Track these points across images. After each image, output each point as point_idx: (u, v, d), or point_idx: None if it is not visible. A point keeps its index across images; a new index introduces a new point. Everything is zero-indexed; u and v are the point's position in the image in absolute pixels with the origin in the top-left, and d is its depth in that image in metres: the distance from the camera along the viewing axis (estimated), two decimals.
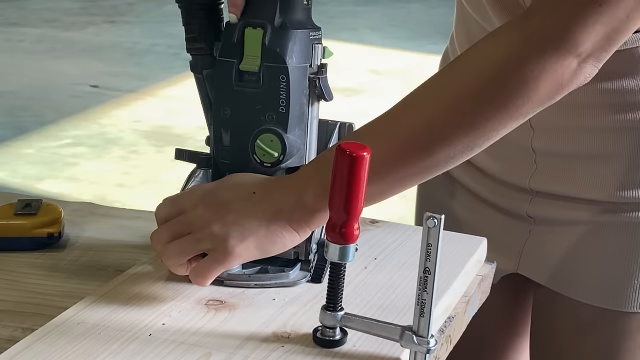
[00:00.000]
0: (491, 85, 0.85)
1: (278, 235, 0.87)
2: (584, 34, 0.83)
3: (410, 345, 0.78)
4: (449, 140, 0.86)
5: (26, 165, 4.01)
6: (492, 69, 0.85)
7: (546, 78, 0.84)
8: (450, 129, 0.86)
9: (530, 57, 0.84)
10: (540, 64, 0.83)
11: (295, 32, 0.91)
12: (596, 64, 0.86)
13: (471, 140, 0.86)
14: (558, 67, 0.84)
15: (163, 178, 3.82)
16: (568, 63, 0.84)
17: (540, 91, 0.84)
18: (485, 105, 0.85)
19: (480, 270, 1.04)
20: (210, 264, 0.87)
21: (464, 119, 0.85)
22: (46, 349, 0.79)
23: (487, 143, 0.87)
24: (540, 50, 0.84)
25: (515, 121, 0.86)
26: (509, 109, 0.85)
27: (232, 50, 0.92)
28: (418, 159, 0.87)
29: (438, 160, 0.87)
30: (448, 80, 0.89)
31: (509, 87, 0.84)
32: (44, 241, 1.01)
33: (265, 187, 0.89)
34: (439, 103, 0.87)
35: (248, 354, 0.79)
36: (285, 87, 0.91)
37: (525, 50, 0.84)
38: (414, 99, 0.89)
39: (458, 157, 0.87)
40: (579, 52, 0.84)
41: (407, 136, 0.87)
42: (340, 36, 6.25)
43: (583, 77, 0.86)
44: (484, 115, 0.85)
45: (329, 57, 0.94)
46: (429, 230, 0.75)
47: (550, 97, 0.86)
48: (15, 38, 6.37)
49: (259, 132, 0.92)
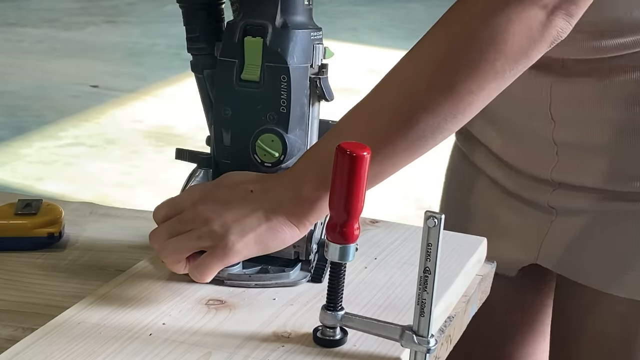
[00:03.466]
0: (462, 44, 0.86)
1: (278, 230, 0.87)
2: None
3: (410, 345, 0.78)
4: (431, 107, 0.86)
5: (26, 165, 4.01)
6: (461, 30, 0.86)
7: (514, 30, 0.84)
8: (430, 95, 0.86)
9: (494, 10, 0.84)
10: (506, 16, 0.84)
11: (297, 33, 0.91)
12: (567, 18, 0.86)
13: (452, 105, 0.86)
14: (525, 17, 0.84)
15: (163, 178, 3.82)
16: (534, 14, 0.84)
17: (510, 43, 0.84)
18: (459, 65, 0.85)
19: (480, 270, 1.04)
20: (211, 260, 0.87)
21: (442, 82, 0.86)
22: (46, 348, 0.79)
23: (469, 109, 0.87)
24: (503, 3, 0.84)
25: (493, 80, 0.86)
26: (482, 65, 0.85)
27: (232, 50, 0.92)
28: (403, 131, 0.86)
29: (423, 131, 0.86)
30: (422, 49, 0.89)
31: (478, 43, 0.85)
32: (44, 241, 1.01)
33: (262, 184, 0.89)
34: (416, 72, 0.88)
35: (248, 353, 0.80)
36: (286, 87, 0.91)
37: (488, 4, 0.85)
38: (390, 76, 0.89)
39: (442, 126, 0.87)
40: (544, 3, 0.84)
41: (389, 110, 0.87)
42: (340, 36, 6.25)
43: (555, 31, 0.85)
44: (459, 76, 0.85)
45: (329, 57, 0.94)
46: (429, 230, 0.75)
47: (524, 51, 0.85)
48: (15, 38, 6.37)
49: (260, 132, 0.92)
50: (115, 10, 7.40)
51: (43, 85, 5.19)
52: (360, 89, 5.03)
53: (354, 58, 5.85)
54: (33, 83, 5.22)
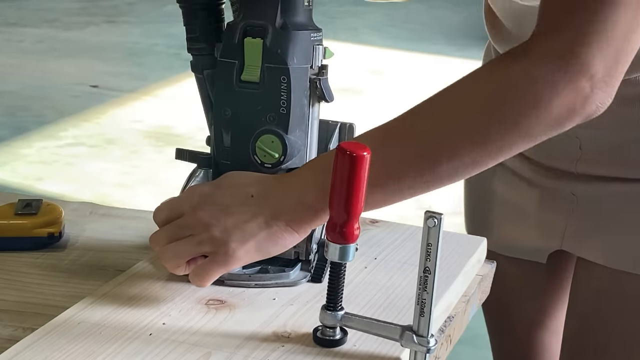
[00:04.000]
0: (503, 101, 0.85)
1: (279, 236, 0.87)
2: (590, 54, 0.83)
3: (410, 345, 0.78)
4: (456, 153, 0.85)
5: (26, 165, 4.01)
6: (506, 85, 0.85)
7: (558, 101, 0.84)
8: (458, 141, 0.85)
9: (542, 77, 0.84)
10: (552, 85, 0.83)
11: (297, 34, 0.91)
12: (607, 90, 0.85)
13: (478, 156, 0.86)
14: (571, 89, 0.83)
15: (163, 178, 3.82)
16: (581, 87, 0.83)
17: (552, 113, 0.84)
18: (495, 121, 0.85)
19: (480, 270, 1.04)
20: (212, 266, 0.87)
21: (474, 133, 0.85)
22: (47, 348, 0.79)
23: (491, 162, 0.87)
24: (550, 71, 0.83)
25: (523, 142, 0.86)
26: (518, 127, 0.85)
27: (233, 51, 0.92)
28: (421, 168, 0.86)
29: (442, 172, 0.86)
30: (462, 90, 0.88)
31: (520, 104, 0.84)
32: (45, 241, 1.01)
33: (264, 188, 0.89)
34: (450, 115, 0.87)
35: (248, 353, 0.80)
36: (286, 88, 0.91)
37: (536, 70, 0.84)
38: (425, 108, 0.88)
39: (462, 171, 0.87)
40: (591, 75, 0.83)
41: (412, 144, 0.87)
42: (340, 36, 6.25)
43: (595, 106, 0.85)
44: (493, 131, 0.85)
45: (329, 58, 0.94)
46: (429, 230, 0.75)
47: (561, 122, 0.85)
48: (15, 38, 6.37)
49: (260, 132, 0.92)
50: (115, 10, 7.40)
51: (43, 85, 5.19)
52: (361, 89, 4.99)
53: (354, 58, 5.85)
54: (33, 83, 5.22)
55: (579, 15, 0.84)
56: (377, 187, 0.84)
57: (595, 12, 0.83)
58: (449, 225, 0.81)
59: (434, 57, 6.09)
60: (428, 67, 5.86)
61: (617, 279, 1.14)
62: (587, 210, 1.15)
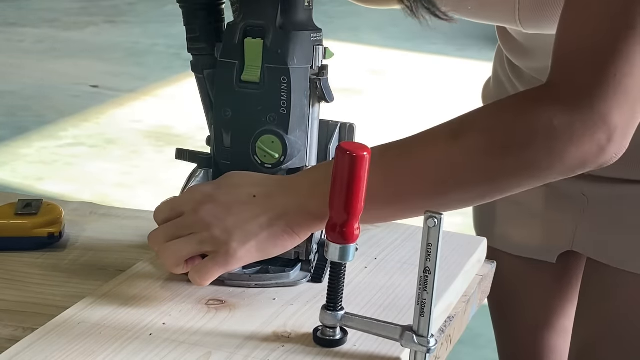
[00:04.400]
0: (520, 142, 0.85)
1: (279, 238, 0.87)
2: (608, 107, 0.83)
3: (410, 345, 0.78)
4: (466, 186, 0.86)
5: (26, 165, 4.01)
6: (524, 129, 0.85)
7: (573, 150, 0.83)
8: (469, 175, 0.86)
9: (560, 126, 0.83)
10: (569, 135, 0.83)
11: (297, 34, 0.91)
12: (623, 141, 0.85)
13: (487, 191, 0.87)
14: (587, 141, 0.83)
15: (163, 178, 3.82)
16: (597, 139, 0.83)
17: (564, 162, 0.84)
18: (510, 161, 0.85)
19: (480, 270, 1.04)
20: (212, 266, 0.87)
21: (485, 169, 0.85)
22: (47, 348, 0.79)
23: (498, 197, 0.88)
24: (568, 122, 0.83)
25: (532, 184, 0.87)
26: (531, 171, 0.85)
27: (233, 51, 0.92)
28: (431, 195, 0.86)
29: (449, 201, 0.87)
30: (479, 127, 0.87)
31: (536, 149, 0.84)
32: (45, 241, 1.01)
33: (266, 189, 0.89)
34: (466, 147, 0.86)
35: (248, 353, 0.80)
36: (287, 88, 0.91)
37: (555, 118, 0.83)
38: (441, 134, 0.87)
39: (468, 202, 0.89)
40: (608, 127, 0.83)
41: (423, 171, 0.86)
42: (340, 36, 6.25)
43: (609, 157, 0.85)
44: (506, 170, 0.85)
45: (330, 58, 0.94)
46: (429, 230, 0.75)
47: (572, 170, 0.85)
48: (15, 38, 6.37)
49: (260, 133, 0.92)
50: (115, 10, 7.40)
51: (43, 85, 5.19)
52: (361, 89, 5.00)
53: (354, 58, 5.85)
54: (33, 83, 5.22)
55: (595, 67, 0.83)
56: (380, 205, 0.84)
57: (610, 65, 0.82)
58: (449, 225, 0.81)
59: (434, 57, 6.09)
60: (428, 67, 5.86)
61: (628, 281, 1.14)
62: (598, 212, 1.15)
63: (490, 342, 1.40)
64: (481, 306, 1.05)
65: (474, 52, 6.04)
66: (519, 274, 1.27)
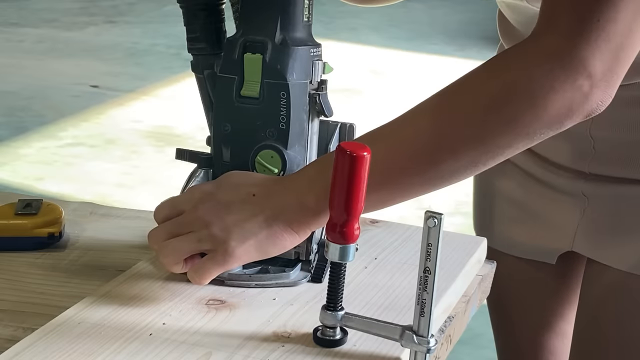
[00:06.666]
0: (501, 100, 0.85)
1: (278, 237, 0.87)
2: (589, 52, 0.83)
3: (410, 345, 0.78)
4: (457, 153, 0.86)
5: (26, 165, 4.01)
6: (502, 86, 0.86)
7: (556, 97, 0.84)
8: (458, 142, 0.86)
9: (539, 74, 0.84)
10: (549, 82, 0.83)
11: (296, 49, 0.91)
12: (607, 88, 0.85)
13: (477, 155, 0.86)
14: (568, 87, 0.83)
15: (163, 178, 3.82)
16: (579, 85, 0.83)
17: (549, 111, 0.84)
18: (494, 120, 0.85)
19: (480, 270, 1.04)
20: (211, 264, 0.87)
21: (473, 132, 0.86)
22: (47, 348, 0.79)
23: (491, 162, 0.87)
24: (547, 69, 0.84)
25: (522, 141, 0.86)
26: (517, 125, 0.85)
27: (232, 66, 0.92)
28: (422, 168, 0.87)
29: (442, 172, 0.87)
30: (460, 92, 0.88)
31: (517, 103, 0.84)
32: (45, 241, 1.01)
33: (265, 188, 0.89)
34: (449, 114, 0.87)
35: (248, 353, 0.80)
36: (286, 103, 0.91)
37: (533, 68, 0.84)
38: (425, 108, 0.89)
39: (462, 171, 0.87)
40: (589, 73, 0.83)
41: (414, 144, 0.87)
42: (340, 36, 6.25)
43: (595, 104, 0.85)
44: (491, 130, 0.85)
45: (329, 73, 0.95)
46: (429, 230, 0.75)
47: (560, 120, 0.85)
48: (16, 38, 6.36)
49: (259, 148, 0.93)
50: (115, 10, 7.39)
51: (43, 85, 5.19)
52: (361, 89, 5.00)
53: (354, 58, 5.85)
54: (33, 83, 5.22)
55: (578, 13, 0.84)
56: (375, 187, 0.84)
57: (594, 11, 0.83)
58: (449, 225, 0.81)
59: (434, 57, 6.09)
60: (428, 67, 5.86)
61: (629, 282, 1.13)
62: (598, 212, 1.15)
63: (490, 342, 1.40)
64: (481, 306, 1.05)
65: (474, 52, 6.04)
66: (518, 275, 1.27)
